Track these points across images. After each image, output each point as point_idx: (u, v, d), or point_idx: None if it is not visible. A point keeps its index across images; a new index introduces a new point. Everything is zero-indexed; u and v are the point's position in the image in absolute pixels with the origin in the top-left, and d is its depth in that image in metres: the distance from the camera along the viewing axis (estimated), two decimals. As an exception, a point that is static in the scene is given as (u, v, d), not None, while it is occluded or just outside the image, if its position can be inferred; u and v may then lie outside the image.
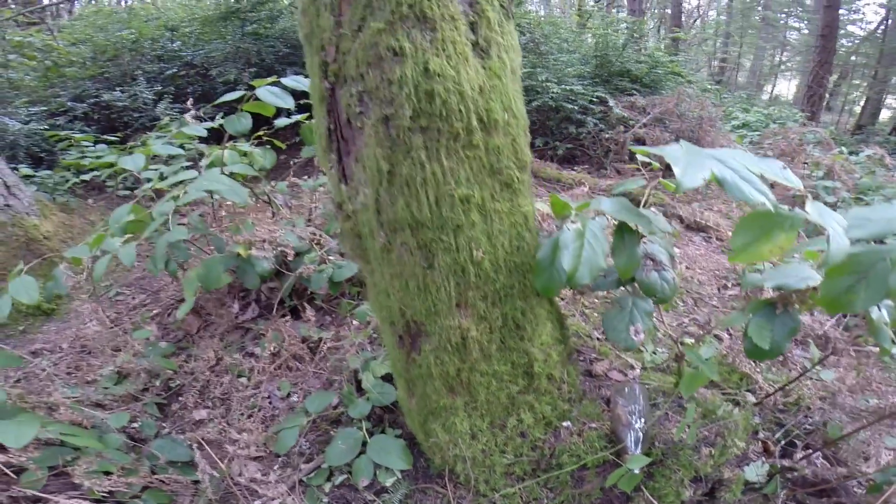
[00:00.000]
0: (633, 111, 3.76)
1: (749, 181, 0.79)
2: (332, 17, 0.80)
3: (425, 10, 0.78)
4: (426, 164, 0.89)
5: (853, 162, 5.11)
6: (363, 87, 0.83)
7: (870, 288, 0.81)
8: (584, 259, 0.95)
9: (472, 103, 0.87)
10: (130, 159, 1.95)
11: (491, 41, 0.84)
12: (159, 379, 1.97)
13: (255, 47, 4.02)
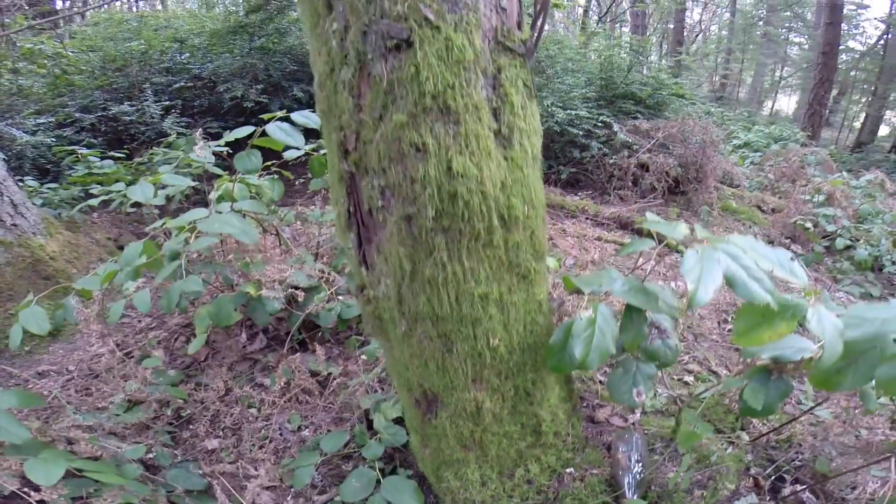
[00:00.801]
0: (636, 135, 3.79)
1: (758, 279, 0.83)
2: (351, 98, 0.81)
3: (449, 102, 0.78)
4: (447, 264, 0.90)
5: (853, 187, 5.15)
6: (385, 182, 0.84)
7: (858, 372, 0.88)
8: (594, 346, 0.98)
9: (494, 202, 0.89)
10: (140, 189, 1.96)
11: (514, 127, 0.85)
12: (170, 407, 1.99)
13: (263, 63, 4.05)
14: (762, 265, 0.85)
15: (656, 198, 3.63)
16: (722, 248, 0.87)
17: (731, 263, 0.85)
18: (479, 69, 0.78)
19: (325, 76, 0.81)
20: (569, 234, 3.06)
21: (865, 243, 4.23)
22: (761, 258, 0.86)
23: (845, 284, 3.92)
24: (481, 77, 0.79)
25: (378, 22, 0.73)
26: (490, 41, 0.79)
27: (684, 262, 0.86)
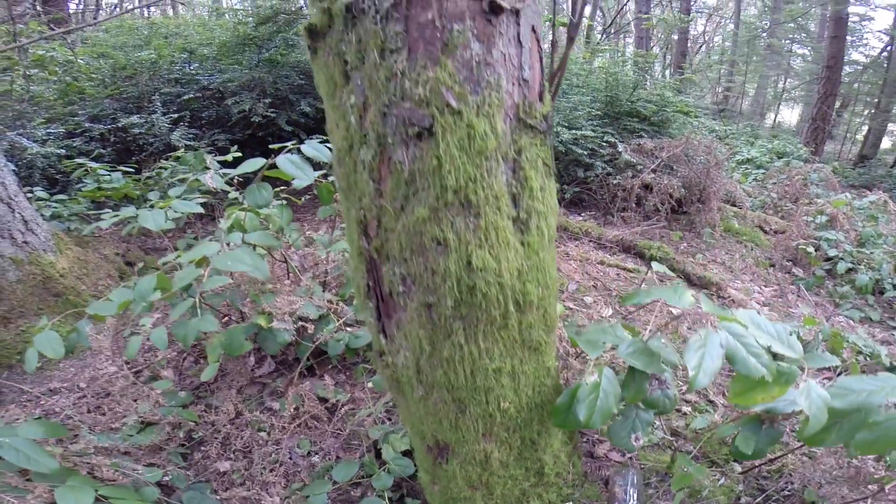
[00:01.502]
0: (641, 155, 3.82)
1: (756, 355, 0.88)
2: (372, 181, 0.82)
3: (470, 196, 0.80)
4: (464, 345, 0.94)
5: (856, 208, 5.17)
6: (406, 270, 0.86)
7: (841, 433, 0.98)
8: (598, 408, 1.02)
9: (510, 290, 0.92)
10: (151, 217, 1.99)
11: (532, 211, 0.87)
12: (182, 430, 2.02)
13: (271, 76, 4.08)
14: (761, 341, 0.91)
15: (659, 220, 3.66)
16: (725, 326, 0.91)
17: (731, 341, 0.91)
18: (500, 155, 0.80)
19: (344, 152, 0.83)
20: (572, 257, 3.09)
21: (867, 267, 4.25)
22: (761, 334, 0.92)
23: (846, 308, 3.95)
24: (502, 163, 0.81)
25: (399, 104, 0.74)
26: (511, 120, 0.80)
27: (688, 349, 0.91)
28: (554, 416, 1.12)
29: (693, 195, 3.71)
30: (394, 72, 0.71)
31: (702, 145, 3.86)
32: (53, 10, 7.56)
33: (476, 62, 0.72)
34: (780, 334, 0.97)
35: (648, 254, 3.36)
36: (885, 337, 3.56)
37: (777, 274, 4.32)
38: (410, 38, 0.69)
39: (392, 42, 0.70)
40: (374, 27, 0.70)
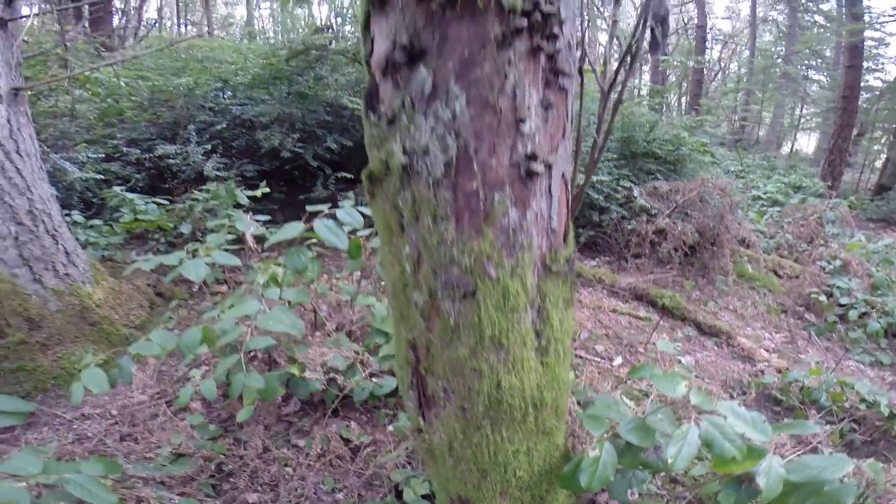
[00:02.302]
0: (655, 198, 3.90)
1: (731, 440, 1.07)
2: (423, 319, 0.96)
3: (502, 340, 0.94)
4: (490, 435, 1.08)
5: (870, 251, 5.19)
6: (447, 385, 1.00)
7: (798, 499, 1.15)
8: (597, 476, 1.18)
9: (530, 398, 1.07)
10: (193, 268, 2.12)
11: (551, 340, 1.00)
12: (213, 462, 2.14)
13: (300, 111, 4.25)
14: (737, 429, 1.08)
15: (672, 267, 3.73)
16: (706, 419, 1.10)
17: (710, 429, 1.10)
18: (527, 304, 0.93)
19: (399, 290, 0.96)
20: (584, 304, 3.18)
21: (880, 312, 4.28)
22: (737, 422, 1.11)
23: (857, 353, 3.97)
24: (529, 310, 0.94)
25: (448, 268, 0.87)
26: (539, 269, 0.93)
27: (672, 440, 1.11)
28: (560, 480, 1.28)
29: (707, 241, 3.78)
30: (444, 239, 0.84)
31: (717, 188, 3.93)
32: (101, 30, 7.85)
33: (513, 229, 0.85)
34: (754, 421, 1.13)
35: (660, 302, 3.44)
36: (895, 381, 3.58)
37: (789, 320, 4.35)
38: (458, 206, 0.81)
39: (442, 209, 0.82)
40: (427, 192, 0.82)
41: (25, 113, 3.10)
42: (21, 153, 2.96)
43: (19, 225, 2.84)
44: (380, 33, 0.79)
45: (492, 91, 0.75)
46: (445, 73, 0.75)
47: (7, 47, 3.01)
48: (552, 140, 0.83)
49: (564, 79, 0.80)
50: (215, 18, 17.18)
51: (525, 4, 0.72)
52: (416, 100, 0.76)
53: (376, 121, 0.82)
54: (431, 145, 0.77)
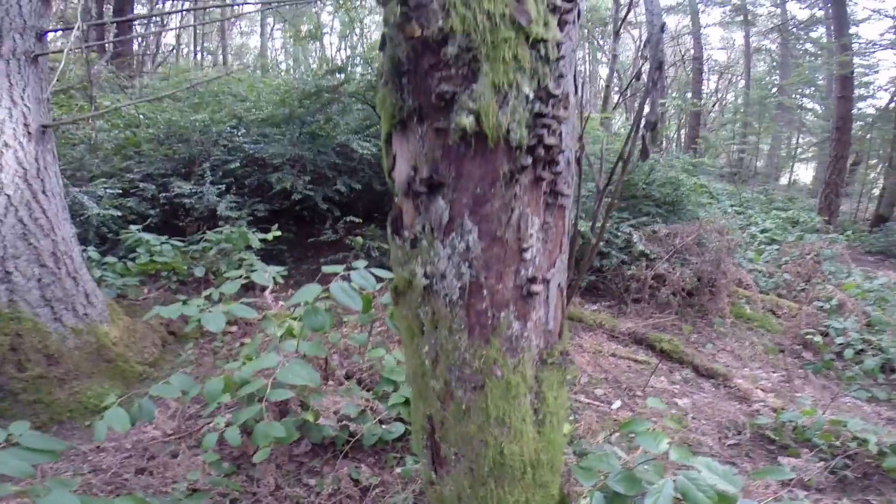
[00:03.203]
0: (654, 242, 4.03)
1: (704, 491, 1.18)
2: (439, 401, 1.08)
3: (505, 419, 1.06)
4: (494, 490, 1.20)
5: (865, 290, 5.29)
6: (458, 450, 1.12)
7: None
8: None
9: (529, 460, 1.18)
10: (213, 319, 2.24)
11: (547, 414, 1.13)
12: (227, 498, 2.21)
13: (311, 153, 4.41)
14: (709, 481, 1.20)
15: (671, 311, 3.84)
16: (683, 473, 1.23)
17: (686, 482, 1.21)
18: (527, 391, 1.06)
19: (419, 376, 1.08)
20: (585, 349, 3.28)
21: (876, 349, 4.35)
22: (711, 475, 1.22)
23: (853, 389, 4.03)
24: (529, 395, 1.07)
25: (461, 368, 1.01)
26: (537, 363, 1.06)
27: (648, 494, 1.22)
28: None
29: (704, 285, 3.89)
30: (458, 346, 0.98)
31: (714, 231, 4.06)
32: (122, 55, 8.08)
33: (515, 337, 0.99)
34: (725, 473, 1.25)
35: (659, 346, 3.54)
36: (892, 415, 3.62)
37: (786, 359, 4.42)
38: (470, 322, 0.95)
39: (457, 324, 0.96)
40: (444, 310, 0.96)
41: (52, 151, 3.24)
42: (47, 193, 3.10)
43: (43, 267, 2.96)
44: (401, 154, 0.93)
45: (500, 226, 0.89)
46: (460, 206, 0.88)
47: (37, 83, 3.12)
48: (550, 256, 0.97)
49: (563, 198, 0.94)
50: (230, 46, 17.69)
51: (530, 139, 0.85)
52: (435, 228, 0.90)
53: (401, 244, 0.96)
54: (448, 272, 0.92)
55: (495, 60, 0.79)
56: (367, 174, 4.82)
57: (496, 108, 0.81)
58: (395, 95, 0.85)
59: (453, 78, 0.81)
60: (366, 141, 4.43)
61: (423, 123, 0.85)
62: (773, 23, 16.60)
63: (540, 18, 0.81)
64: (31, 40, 3.09)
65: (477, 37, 0.77)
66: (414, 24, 0.75)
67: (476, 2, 0.76)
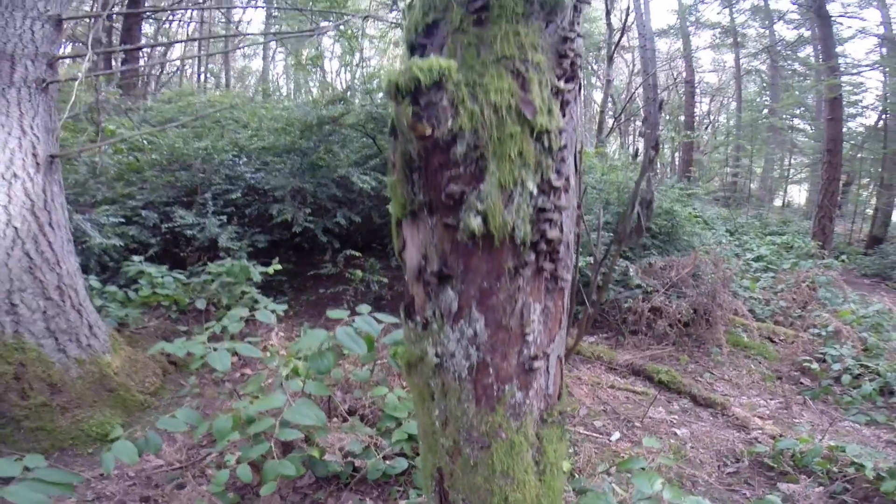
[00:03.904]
0: (650, 275, 4.10)
1: None
2: (448, 456, 1.12)
3: (509, 472, 1.11)
4: None
5: (861, 317, 5.34)
6: (465, 497, 1.16)
7: None
8: None
9: None
10: (218, 358, 2.27)
11: (547, 464, 1.17)
12: None
13: (312, 186, 4.49)
14: None
15: (668, 343, 3.89)
16: None
17: None
18: (529, 446, 1.11)
19: (429, 433, 1.14)
20: (583, 381, 3.31)
21: (873, 374, 4.39)
22: None
23: (852, 413, 4.05)
24: (531, 450, 1.12)
25: (469, 431, 1.06)
26: (538, 423, 1.11)
27: None
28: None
29: (701, 317, 3.95)
30: (466, 413, 1.04)
31: (709, 263, 4.13)
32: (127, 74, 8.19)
33: (518, 404, 1.05)
34: None
35: (657, 377, 3.57)
36: (892, 437, 3.63)
37: (784, 386, 4.45)
38: (477, 394, 1.02)
39: (465, 395, 1.02)
40: (454, 383, 1.02)
41: (59, 181, 3.26)
42: (53, 225, 3.13)
43: (48, 300, 2.99)
44: (411, 240, 0.99)
45: (504, 315, 0.96)
46: (468, 297, 0.95)
47: (46, 111, 3.12)
48: (550, 334, 1.04)
49: (563, 281, 1.00)
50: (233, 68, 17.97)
51: (533, 235, 0.91)
52: (444, 314, 0.97)
53: (413, 326, 1.03)
54: (457, 353, 0.98)
55: (502, 158, 0.85)
56: (367, 206, 4.88)
57: (502, 208, 0.87)
58: (405, 188, 0.91)
59: (462, 176, 0.87)
60: (365, 174, 4.51)
61: (433, 216, 0.92)
62: (761, 44, 17.00)
63: (544, 106, 0.87)
64: (43, 67, 3.10)
65: (484, 133, 0.83)
66: (425, 124, 0.80)
67: (483, 93, 0.83)
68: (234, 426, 1.95)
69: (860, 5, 14.11)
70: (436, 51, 0.89)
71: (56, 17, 3.18)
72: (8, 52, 2.94)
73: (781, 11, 15.57)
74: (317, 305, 4.56)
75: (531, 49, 0.85)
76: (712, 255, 4.29)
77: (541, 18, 0.88)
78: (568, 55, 0.89)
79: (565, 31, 0.91)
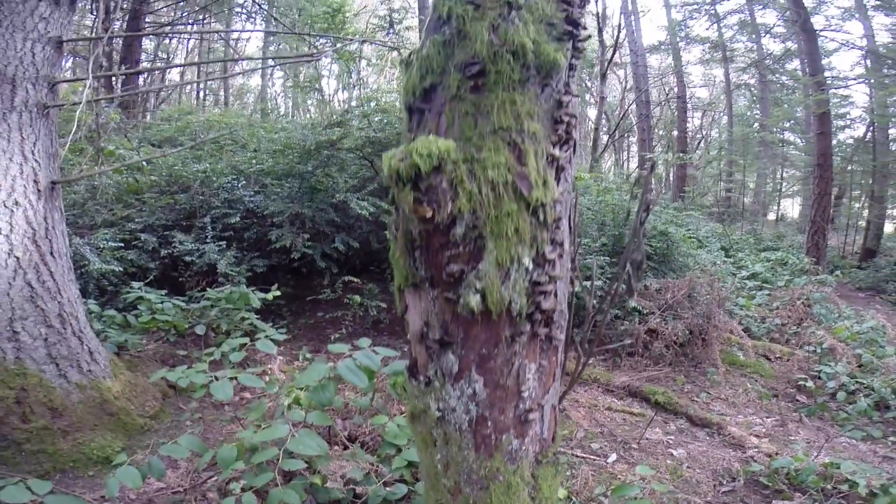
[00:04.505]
0: (646, 298, 4.15)
1: None
2: (449, 494, 1.16)
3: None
4: None
5: (855, 333, 5.40)
6: None
7: None
8: None
9: None
10: (221, 388, 2.30)
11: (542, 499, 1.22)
12: None
13: (310, 211, 4.53)
14: None
15: (664, 364, 3.93)
16: None
17: None
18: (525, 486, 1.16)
19: (432, 475, 1.18)
20: (581, 404, 3.34)
21: (868, 389, 4.43)
22: None
23: (848, 429, 4.08)
24: (527, 488, 1.16)
25: (469, 474, 1.11)
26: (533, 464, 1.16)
27: None
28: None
29: (697, 338, 3.99)
30: (466, 459, 1.09)
31: (704, 285, 4.18)
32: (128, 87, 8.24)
33: (514, 450, 1.10)
34: None
35: (654, 398, 3.61)
36: (887, 453, 3.65)
37: (780, 403, 4.48)
38: (476, 443, 1.08)
39: (465, 444, 1.08)
40: (455, 434, 1.08)
41: (59, 208, 3.27)
42: (54, 254, 3.14)
43: (49, 328, 3.01)
44: (413, 307, 1.07)
45: (502, 376, 1.03)
46: (468, 361, 1.02)
47: (47, 136, 3.07)
48: (545, 386, 1.11)
49: (556, 340, 1.05)
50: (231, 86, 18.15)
51: (529, 307, 0.97)
52: (446, 375, 1.04)
53: (416, 384, 1.10)
54: (458, 408, 1.05)
55: (499, 236, 0.91)
56: (365, 231, 4.91)
57: (499, 285, 0.93)
58: (408, 262, 0.98)
59: (461, 255, 0.93)
60: (363, 199, 4.54)
61: (434, 289, 0.99)
62: (750, 58, 17.26)
63: (539, 179, 0.93)
64: (44, 91, 3.05)
65: (483, 213, 0.90)
66: (425, 206, 0.86)
67: (481, 170, 0.88)
68: (239, 455, 1.97)
69: (843, 17, 14.39)
70: (434, 118, 0.95)
71: (57, 39, 3.14)
72: (9, 75, 2.89)
73: (768, 25, 15.85)
74: (315, 329, 4.57)
75: (527, 118, 0.90)
76: (707, 276, 4.35)
77: (536, 83, 0.94)
78: (563, 120, 0.95)
79: (560, 94, 0.97)
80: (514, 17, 0.88)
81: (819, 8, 14.02)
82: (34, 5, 3.02)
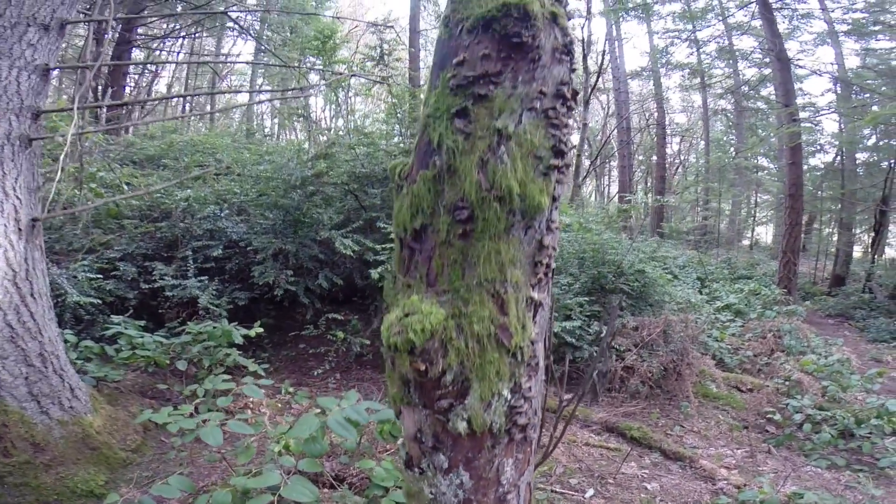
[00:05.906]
0: (623, 335, 4.29)
1: None
2: None
3: None
4: None
5: (822, 366, 5.63)
6: None
7: None
8: None
9: None
10: (211, 434, 2.34)
11: None
12: None
13: (294, 247, 4.54)
14: None
15: (640, 399, 4.06)
16: None
17: None
18: None
19: None
20: (560, 440, 3.42)
21: (832, 420, 4.62)
22: None
23: (814, 459, 4.24)
24: None
25: None
26: None
27: None
28: None
29: (671, 374, 4.14)
30: None
31: (679, 322, 4.35)
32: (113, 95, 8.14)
33: None
34: None
35: (629, 434, 3.72)
36: (849, 482, 3.80)
37: (751, 434, 4.63)
38: None
39: None
40: None
41: (40, 246, 3.22)
42: (35, 295, 3.09)
43: (30, 367, 2.98)
44: (408, 418, 1.19)
45: (485, 471, 1.17)
46: (456, 461, 1.16)
47: (29, 170, 2.93)
48: (520, 471, 1.23)
49: (531, 436, 1.17)
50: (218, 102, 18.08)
51: (507, 424, 1.12)
52: (437, 469, 1.18)
53: (411, 474, 1.20)
54: (448, 493, 1.18)
55: (483, 379, 1.08)
56: (349, 268, 4.94)
57: (482, 413, 1.10)
58: (403, 392, 1.13)
59: (450, 393, 1.09)
60: (346, 237, 4.56)
61: (426, 410, 1.14)
62: (727, 84, 17.87)
63: (519, 325, 1.08)
64: (27, 122, 2.91)
65: (469, 362, 1.04)
66: (419, 362, 1.01)
67: (468, 324, 1.02)
68: (233, 501, 2.01)
69: (815, 43, 14.98)
70: (424, 262, 1.09)
71: (44, 67, 2.98)
72: (-9, 105, 2.71)
73: (745, 51, 16.40)
74: (297, 360, 4.58)
75: (510, 266, 1.03)
76: (681, 315, 4.53)
77: (521, 228, 1.06)
78: (543, 262, 1.08)
79: (542, 234, 1.09)
80: (502, 152, 0.98)
81: (794, 33, 14.60)
82: (23, 31, 2.89)
